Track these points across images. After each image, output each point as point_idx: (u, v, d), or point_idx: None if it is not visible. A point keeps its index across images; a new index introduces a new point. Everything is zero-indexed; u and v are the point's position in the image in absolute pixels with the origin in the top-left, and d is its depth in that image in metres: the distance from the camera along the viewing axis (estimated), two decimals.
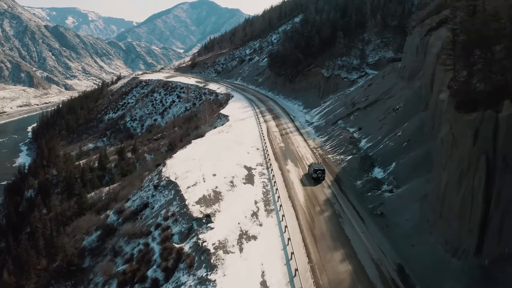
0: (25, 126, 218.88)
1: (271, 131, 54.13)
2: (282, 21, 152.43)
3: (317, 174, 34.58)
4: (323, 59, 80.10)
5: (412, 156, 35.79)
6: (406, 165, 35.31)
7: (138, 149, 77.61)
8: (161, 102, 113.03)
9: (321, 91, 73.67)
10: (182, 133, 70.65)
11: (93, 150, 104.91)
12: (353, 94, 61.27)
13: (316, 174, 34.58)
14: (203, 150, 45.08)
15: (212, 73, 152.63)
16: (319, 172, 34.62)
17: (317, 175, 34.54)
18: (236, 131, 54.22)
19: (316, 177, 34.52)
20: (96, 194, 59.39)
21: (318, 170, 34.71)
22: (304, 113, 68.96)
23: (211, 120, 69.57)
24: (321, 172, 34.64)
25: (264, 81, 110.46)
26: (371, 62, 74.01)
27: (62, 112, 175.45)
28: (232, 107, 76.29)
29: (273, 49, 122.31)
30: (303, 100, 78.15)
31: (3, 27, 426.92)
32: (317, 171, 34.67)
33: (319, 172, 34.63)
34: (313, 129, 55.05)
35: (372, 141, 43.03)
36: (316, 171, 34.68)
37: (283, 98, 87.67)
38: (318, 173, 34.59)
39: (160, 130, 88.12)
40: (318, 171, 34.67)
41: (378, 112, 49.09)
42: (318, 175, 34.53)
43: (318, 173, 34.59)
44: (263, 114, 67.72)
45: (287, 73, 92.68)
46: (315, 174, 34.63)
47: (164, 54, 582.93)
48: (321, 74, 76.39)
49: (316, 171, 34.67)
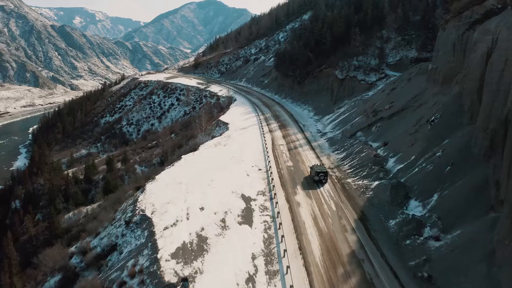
0: (27, 127, 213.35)
1: (277, 144, 45.68)
2: (290, 19, 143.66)
3: (319, 177, 32.87)
4: (336, 59, 71.37)
5: (460, 186, 27.16)
6: (453, 198, 26.69)
7: (129, 159, 69.73)
8: (159, 105, 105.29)
9: (334, 95, 64.97)
10: (176, 143, 62.60)
11: (86, 157, 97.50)
12: (373, 99, 52.52)
13: (318, 177, 32.87)
14: (194, 170, 36.87)
15: (215, 74, 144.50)
16: (321, 175, 32.87)
17: (319, 177, 32.88)
18: (235, 143, 45.91)
19: (318, 180, 32.82)
20: (74, 215, 51.53)
21: (321, 173, 32.89)
22: (315, 120, 60.33)
23: (209, 128, 61.39)
24: (323, 175, 32.85)
25: (270, 83, 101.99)
26: (392, 63, 65.11)
27: (62, 114, 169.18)
28: (233, 113, 68.01)
29: (280, 48, 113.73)
30: (313, 105, 69.51)
31: (9, 26, 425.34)
32: (319, 173, 32.88)
33: (321, 174, 32.87)
34: (327, 142, 46.42)
35: (402, 161, 34.35)
36: (318, 174, 32.86)
37: (291, 102, 79.09)
38: (320, 175, 32.87)
39: (156, 137, 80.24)
40: (321, 173, 32.88)
41: (407, 124, 40.35)
42: (320, 177, 32.88)
43: (320, 175, 32.87)
44: (268, 121, 59.30)
45: (295, 74, 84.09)
46: (317, 177, 32.84)
47: (171, 54, 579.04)
48: (334, 75, 67.68)
49: (318, 174, 32.86)
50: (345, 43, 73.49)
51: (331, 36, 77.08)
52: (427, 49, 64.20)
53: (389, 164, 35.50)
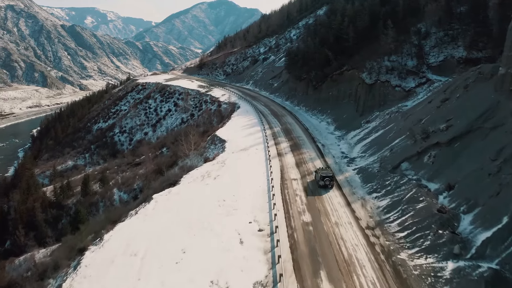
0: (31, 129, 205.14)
1: (288, 178, 32.85)
2: (303, 14, 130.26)
3: (324, 181, 30.04)
4: (361, 59, 58.07)
5: None
6: None
7: (108, 179, 57.84)
8: (155, 111, 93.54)
9: (360, 105, 51.76)
10: (163, 162, 50.43)
11: (72, 169, 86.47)
12: (416, 113, 39.23)
13: (324, 182, 30.05)
14: (162, 225, 24.58)
15: (220, 75, 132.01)
16: (327, 180, 30.09)
17: (325, 182, 30.04)
18: (230, 175, 33.35)
19: (323, 185, 30.02)
20: (24, 262, 39.74)
21: (326, 177, 30.17)
22: (337, 138, 47.16)
23: (203, 146, 49.01)
24: (329, 180, 30.07)
25: (280, 87, 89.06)
26: (434, 64, 51.58)
27: (63, 116, 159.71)
28: (234, 125, 55.57)
29: (292, 46, 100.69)
30: (333, 116, 56.49)
31: (19, 26, 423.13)
32: (324, 178, 30.14)
33: (326, 179, 30.10)
34: (359, 174, 33.32)
35: (487, 224, 21.11)
36: (323, 178, 30.12)
37: (305, 111, 66.06)
38: (325, 180, 30.08)
39: (146, 150, 68.24)
40: (326, 178, 30.15)
41: (480, 156, 27.01)
42: (325, 182, 30.06)
43: (326, 180, 30.08)
44: (276, 138, 46.50)
45: (310, 77, 71.03)
46: (322, 182, 30.07)
47: (182, 54, 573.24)
48: (359, 79, 54.45)
49: (324, 178, 30.12)
50: (371, 39, 60.13)
51: (354, 32, 63.71)
52: (478, 47, 50.55)
53: (463, 227, 22.31)
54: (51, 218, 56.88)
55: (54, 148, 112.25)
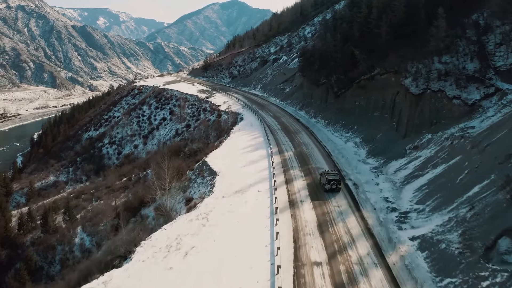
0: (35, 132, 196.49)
1: (306, 263, 19.66)
2: (318, 10, 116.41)
3: (331, 185, 27.73)
4: (399, 59, 44.47)
5: None
6: None
7: (73, 214, 45.58)
8: (148, 119, 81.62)
9: (402, 122, 38.11)
10: (136, 199, 37.85)
11: (52, 186, 75.13)
12: (500, 143, 25.70)
13: (330, 186, 27.73)
14: None
15: (225, 78, 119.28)
16: (334, 183, 27.74)
17: (331, 186, 27.74)
18: (210, 251, 20.53)
19: (330, 189, 27.76)
20: None
21: (333, 181, 27.78)
22: (374, 170, 33.65)
23: (187, 177, 36.33)
24: (335, 183, 27.78)
25: (293, 92, 75.91)
26: (503, 68, 37.74)
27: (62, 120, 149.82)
28: (233, 146, 42.74)
29: (306, 45, 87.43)
30: (362, 133, 43.12)
31: (29, 26, 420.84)
32: (331, 181, 27.75)
33: (333, 182, 27.74)
34: (422, 252, 19.97)
35: None
36: (330, 182, 27.72)
37: (325, 124, 52.75)
38: (332, 184, 27.74)
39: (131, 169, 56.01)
40: (333, 181, 27.76)
41: None
42: (332, 186, 27.74)
43: (333, 184, 27.73)
44: (287, 172, 33.29)
45: (330, 82, 57.73)
46: (328, 185, 27.73)
47: (193, 55, 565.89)
48: (399, 86, 40.83)
49: (330, 182, 27.73)
50: (410, 34, 46.62)
51: (388, 25, 50.10)
52: None
53: None
54: (6, 259, 45.25)
55: (42, 158, 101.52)
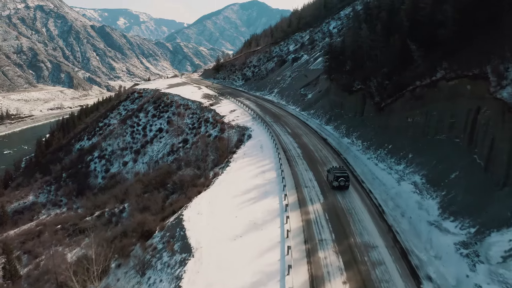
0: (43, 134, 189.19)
1: None
2: (345, 1, 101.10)
3: (339, 182, 25.92)
4: (476, 58, 29.46)
5: None
6: None
7: (18, 269, 32.82)
8: (143, 130, 69.16)
9: (499, 159, 23.09)
10: None
11: (28, 209, 63.43)
12: None
13: (338, 182, 25.90)
14: None
15: (238, 80, 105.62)
16: (342, 180, 25.87)
17: (339, 183, 25.91)
18: None
19: (338, 186, 25.95)
20: None
21: (341, 177, 25.87)
22: (459, 247, 19.09)
23: (146, 245, 22.64)
24: (344, 180, 25.87)
25: (317, 100, 61.28)
26: None
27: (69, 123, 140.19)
28: (228, 188, 28.75)
29: (333, 42, 72.59)
30: (424, 169, 28.23)
31: (48, 26, 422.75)
32: (339, 178, 25.85)
33: (341, 179, 25.87)
34: None
35: None
36: (337, 178, 25.80)
37: (363, 149, 37.97)
38: (340, 180, 25.90)
39: (105, 201, 43.08)
40: (341, 178, 25.85)
41: None
42: (340, 183, 25.93)
43: (341, 180, 25.88)
44: (315, 251, 18.98)
45: (368, 89, 42.86)
46: (336, 183, 25.89)
47: (212, 55, 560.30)
48: (484, 100, 25.80)
49: (338, 178, 25.81)
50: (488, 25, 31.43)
51: (456, 12, 35.00)
52: None
53: None
54: None
55: (32, 169, 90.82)
